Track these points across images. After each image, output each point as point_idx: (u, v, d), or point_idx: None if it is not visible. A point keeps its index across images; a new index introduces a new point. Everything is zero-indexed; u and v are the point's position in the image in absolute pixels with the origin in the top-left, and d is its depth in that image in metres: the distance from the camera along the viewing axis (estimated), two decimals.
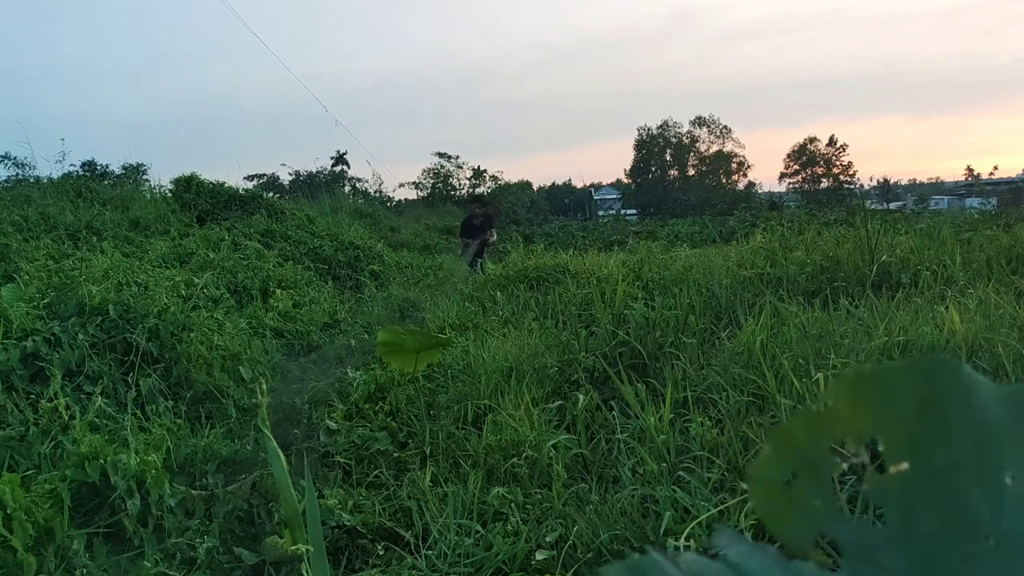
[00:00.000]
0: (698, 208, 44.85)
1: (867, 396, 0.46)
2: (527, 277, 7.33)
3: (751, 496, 0.49)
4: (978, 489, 0.43)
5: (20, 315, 4.33)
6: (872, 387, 0.46)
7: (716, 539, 0.48)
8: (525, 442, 3.62)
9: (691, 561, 0.45)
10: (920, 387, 0.46)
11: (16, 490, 2.70)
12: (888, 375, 0.46)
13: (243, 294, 7.72)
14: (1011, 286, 4.88)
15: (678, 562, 0.45)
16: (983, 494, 0.43)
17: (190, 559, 2.99)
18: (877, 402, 0.46)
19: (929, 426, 0.45)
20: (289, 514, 2.42)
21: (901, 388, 0.46)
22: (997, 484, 0.43)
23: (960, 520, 0.43)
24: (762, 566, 0.45)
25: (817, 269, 5.81)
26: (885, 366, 0.47)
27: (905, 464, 0.44)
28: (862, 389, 0.46)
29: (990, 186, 62.96)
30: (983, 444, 0.44)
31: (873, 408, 0.46)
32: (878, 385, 0.46)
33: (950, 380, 0.45)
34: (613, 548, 2.76)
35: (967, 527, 0.42)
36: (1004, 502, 0.43)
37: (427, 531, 3.15)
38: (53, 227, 8.50)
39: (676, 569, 0.44)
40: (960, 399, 0.45)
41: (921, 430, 0.45)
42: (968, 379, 0.45)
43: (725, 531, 0.48)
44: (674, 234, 18.20)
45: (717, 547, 0.47)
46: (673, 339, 4.75)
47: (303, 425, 4.54)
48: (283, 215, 12.55)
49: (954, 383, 0.45)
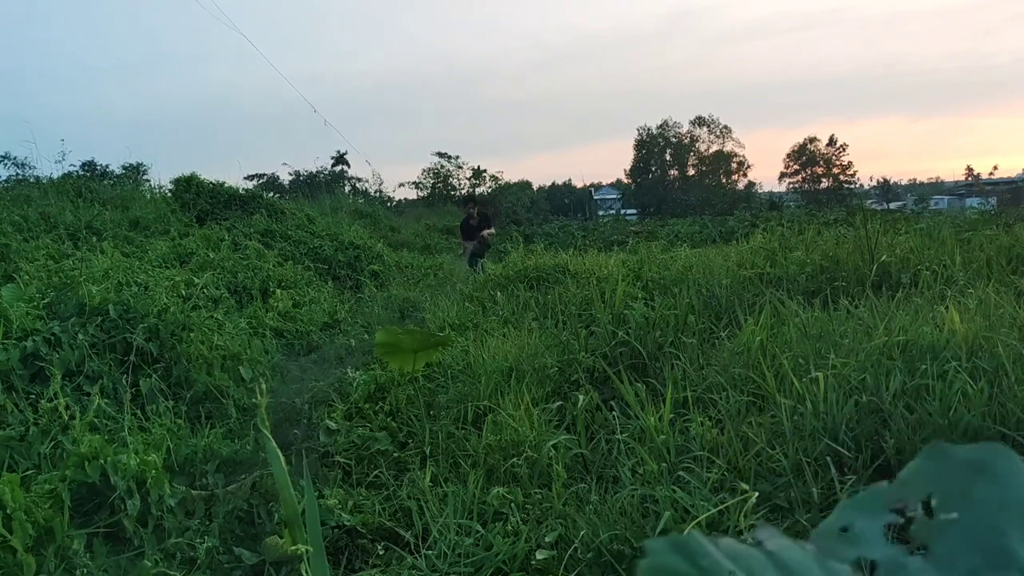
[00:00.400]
0: (698, 208, 44.85)
1: (931, 464, 0.53)
2: (527, 277, 7.33)
3: (815, 543, 0.52)
4: (1020, 540, 0.48)
5: (20, 315, 4.33)
6: (937, 458, 0.53)
7: (757, 532, 0.50)
8: (525, 442, 3.62)
9: (729, 544, 0.48)
10: (980, 461, 0.52)
11: (16, 490, 2.70)
12: (952, 449, 0.53)
13: (243, 294, 7.73)
14: (1011, 286, 4.88)
15: (717, 543, 0.47)
16: (1023, 543, 0.47)
17: (190, 559, 2.99)
18: (940, 471, 0.52)
19: (982, 490, 0.50)
20: (289, 514, 2.42)
21: (962, 460, 0.52)
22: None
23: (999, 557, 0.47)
24: (798, 559, 0.47)
25: (817, 269, 5.81)
26: (952, 445, 0.54)
27: (955, 515, 0.50)
28: (928, 459, 0.53)
29: (990, 186, 62.95)
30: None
31: (936, 476, 0.52)
32: (943, 456, 0.53)
33: (1008, 460, 0.52)
34: (613, 548, 2.76)
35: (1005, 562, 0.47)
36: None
37: (427, 531, 3.15)
38: (53, 227, 8.50)
39: (715, 548, 0.47)
40: (1015, 475, 0.51)
41: (974, 491, 0.50)
42: (1019, 461, 0.52)
43: (766, 527, 0.51)
44: (674, 234, 18.19)
45: (758, 538, 0.49)
46: (673, 339, 4.75)
47: (303, 425, 4.54)
48: (283, 215, 12.55)
49: (1011, 463, 0.52)
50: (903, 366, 3.42)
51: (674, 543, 0.46)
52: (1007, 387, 3.14)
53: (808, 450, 3.09)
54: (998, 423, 3.02)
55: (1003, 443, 0.52)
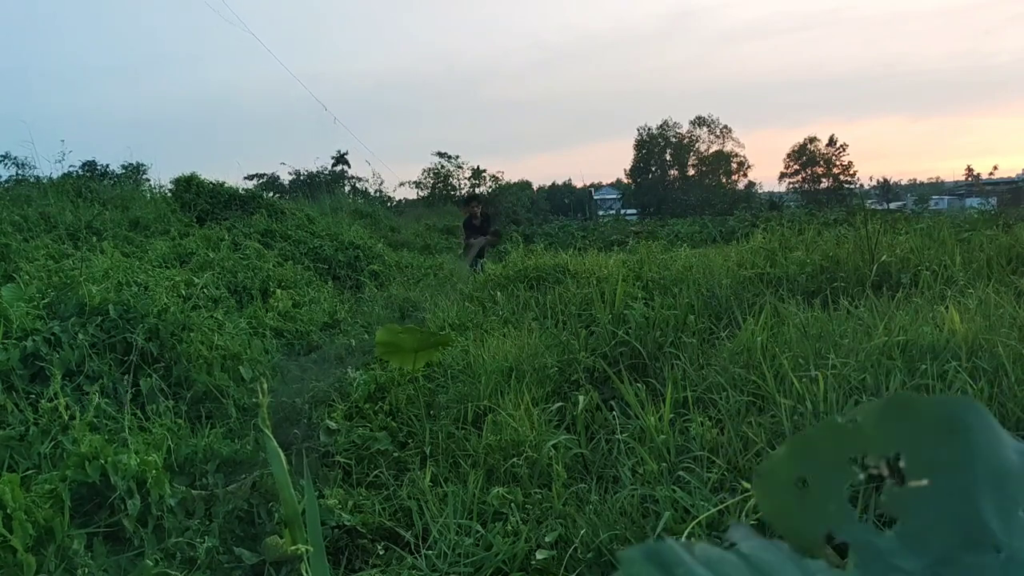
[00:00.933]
0: (698, 208, 44.84)
1: (897, 418, 0.50)
2: (527, 277, 7.32)
3: (757, 492, 0.51)
4: (993, 512, 0.46)
5: (20, 315, 4.33)
6: (903, 411, 0.50)
7: (730, 533, 0.49)
8: (525, 442, 3.62)
9: (704, 549, 0.47)
10: (949, 417, 0.49)
11: (16, 490, 2.70)
12: (920, 402, 0.50)
13: (243, 294, 7.73)
14: (1011, 286, 4.88)
15: (692, 549, 0.46)
16: (998, 517, 0.45)
17: (190, 559, 2.99)
18: (906, 423, 0.49)
19: (952, 451, 0.48)
20: (289, 514, 2.42)
21: (930, 415, 0.49)
22: (1011, 512, 0.46)
23: (974, 533, 0.45)
24: (774, 560, 0.47)
25: (817, 269, 5.81)
26: (918, 395, 0.50)
27: (925, 480, 0.47)
28: (893, 412, 0.50)
29: (990, 186, 63.00)
30: (1000, 477, 0.47)
31: (901, 429, 0.49)
32: (909, 410, 0.50)
33: (978, 417, 0.49)
34: (613, 548, 2.76)
35: (981, 539, 0.45)
36: (1016, 526, 0.45)
37: (427, 531, 3.15)
38: (53, 227, 8.50)
39: (689, 555, 0.46)
40: (984, 435, 0.49)
41: (945, 453, 0.48)
42: (993, 422, 0.50)
43: (739, 526, 0.50)
44: (674, 234, 18.18)
45: (731, 539, 0.48)
46: (673, 339, 4.75)
47: (303, 425, 4.54)
48: (283, 215, 12.55)
49: (981, 421, 0.49)
50: (903, 366, 3.42)
51: (648, 552, 0.46)
52: (1007, 387, 3.14)
53: None
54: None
55: None
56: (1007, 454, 0.48)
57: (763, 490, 0.51)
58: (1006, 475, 0.47)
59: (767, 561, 0.46)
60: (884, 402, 0.50)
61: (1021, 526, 0.45)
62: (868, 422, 0.50)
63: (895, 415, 0.50)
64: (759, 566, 0.46)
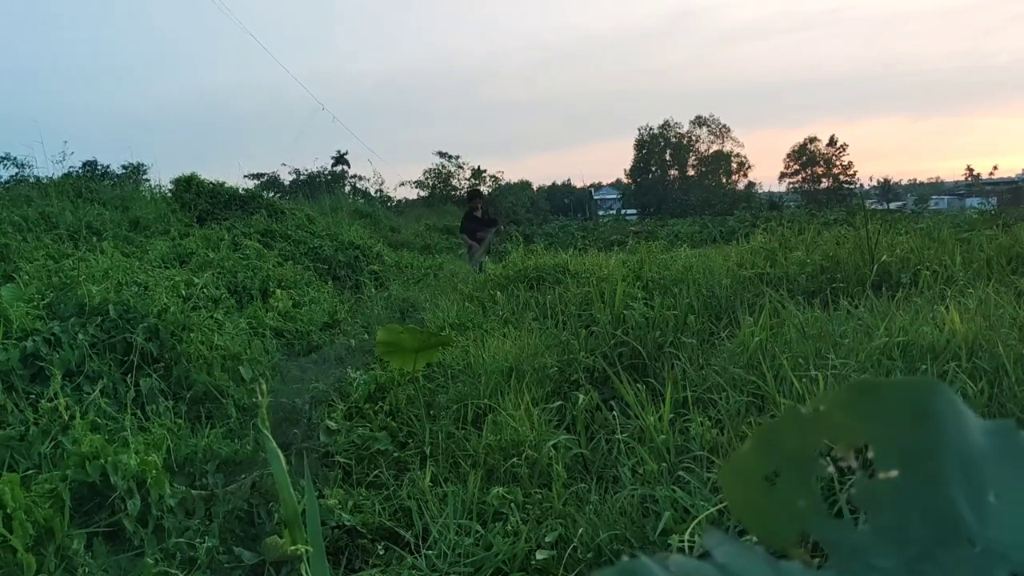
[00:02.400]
0: (698, 208, 44.85)
1: (862, 405, 0.48)
2: (527, 277, 7.32)
3: (725, 491, 0.50)
4: (965, 501, 0.45)
5: (20, 315, 4.33)
6: (868, 397, 0.48)
7: (705, 539, 0.48)
8: (525, 442, 3.62)
9: (680, 563, 0.46)
10: (914, 401, 0.48)
11: (16, 490, 2.70)
12: (884, 387, 0.48)
13: (243, 294, 7.73)
14: (1011, 286, 4.88)
15: (667, 564, 0.45)
16: (969, 505, 0.45)
17: (190, 559, 2.99)
18: (871, 412, 0.48)
19: (921, 439, 0.47)
20: (289, 514, 2.42)
21: (896, 400, 0.48)
22: (982, 498, 0.45)
23: (949, 526, 0.45)
24: (750, 566, 0.46)
25: (817, 269, 5.81)
26: (882, 379, 0.49)
27: (895, 472, 0.46)
28: (857, 398, 0.48)
29: (990, 186, 63.01)
30: (969, 463, 0.46)
31: (866, 417, 0.48)
32: (874, 395, 0.48)
33: (943, 400, 0.48)
34: (613, 548, 2.76)
35: (955, 533, 0.44)
36: (988, 515, 0.45)
37: (427, 531, 3.15)
38: (53, 227, 8.50)
39: (665, 571, 0.45)
40: (951, 419, 0.47)
41: (913, 442, 0.47)
42: (958, 402, 0.48)
43: (714, 531, 0.49)
44: (674, 234, 18.19)
45: (705, 547, 0.48)
46: (673, 339, 4.75)
47: (303, 425, 4.54)
48: (283, 215, 12.55)
49: (946, 403, 0.48)
50: (903, 366, 3.42)
51: (622, 572, 0.45)
52: (1007, 387, 3.14)
53: None
54: None
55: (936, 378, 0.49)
56: (975, 437, 0.47)
57: (731, 488, 0.50)
58: (975, 460, 0.46)
59: (743, 568, 0.45)
60: (847, 388, 0.49)
61: (993, 514, 0.45)
62: (833, 410, 0.48)
63: (860, 402, 0.48)
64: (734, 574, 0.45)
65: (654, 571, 0.45)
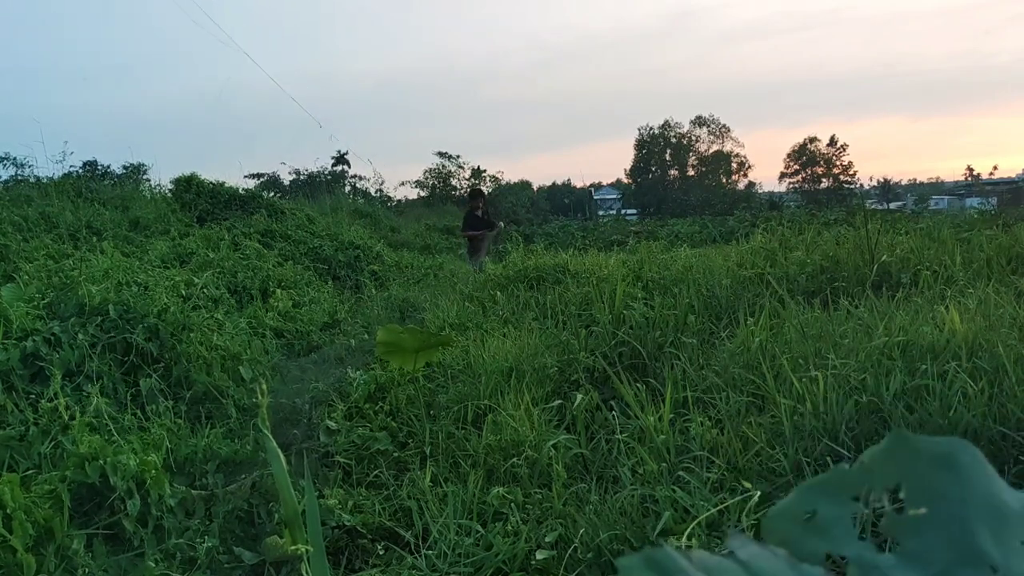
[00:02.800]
0: (698, 208, 44.84)
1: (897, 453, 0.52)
2: (527, 277, 7.32)
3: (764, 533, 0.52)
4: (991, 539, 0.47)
5: (20, 315, 4.33)
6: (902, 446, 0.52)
7: (729, 541, 0.50)
8: (525, 442, 3.62)
9: (702, 557, 0.47)
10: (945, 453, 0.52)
11: (16, 490, 2.70)
12: (922, 441, 0.53)
13: (243, 294, 7.73)
14: (1011, 286, 4.88)
15: (690, 556, 0.47)
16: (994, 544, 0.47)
17: (190, 559, 2.99)
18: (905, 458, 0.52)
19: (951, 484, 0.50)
20: (289, 514, 2.42)
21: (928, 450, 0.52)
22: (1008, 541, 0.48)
23: (971, 553, 0.47)
24: (772, 566, 0.47)
25: (817, 269, 5.81)
26: (916, 435, 0.53)
27: (924, 509, 0.49)
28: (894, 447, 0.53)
29: (990, 186, 63.00)
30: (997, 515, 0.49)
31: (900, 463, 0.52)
32: (911, 447, 0.52)
33: (976, 460, 0.52)
34: (613, 548, 2.76)
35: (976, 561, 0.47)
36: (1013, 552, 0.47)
37: (427, 531, 3.15)
38: (53, 227, 8.51)
39: (688, 563, 0.46)
40: (982, 473, 0.51)
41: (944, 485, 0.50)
42: (989, 466, 0.52)
43: (737, 535, 0.50)
44: (674, 234, 18.19)
45: (729, 548, 0.49)
46: (673, 339, 4.75)
47: (303, 425, 4.54)
48: (283, 215, 12.56)
49: (979, 463, 0.52)
50: (903, 366, 3.42)
51: (647, 559, 0.46)
52: (1007, 387, 3.14)
53: (808, 450, 3.09)
54: (998, 423, 3.02)
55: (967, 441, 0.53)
56: (1004, 496, 0.51)
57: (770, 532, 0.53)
58: (1003, 513, 0.49)
59: (765, 568, 0.46)
60: (887, 440, 0.53)
61: (1019, 553, 0.47)
62: (872, 462, 0.53)
63: (895, 450, 0.52)
64: (758, 573, 0.46)
65: (678, 560, 0.46)
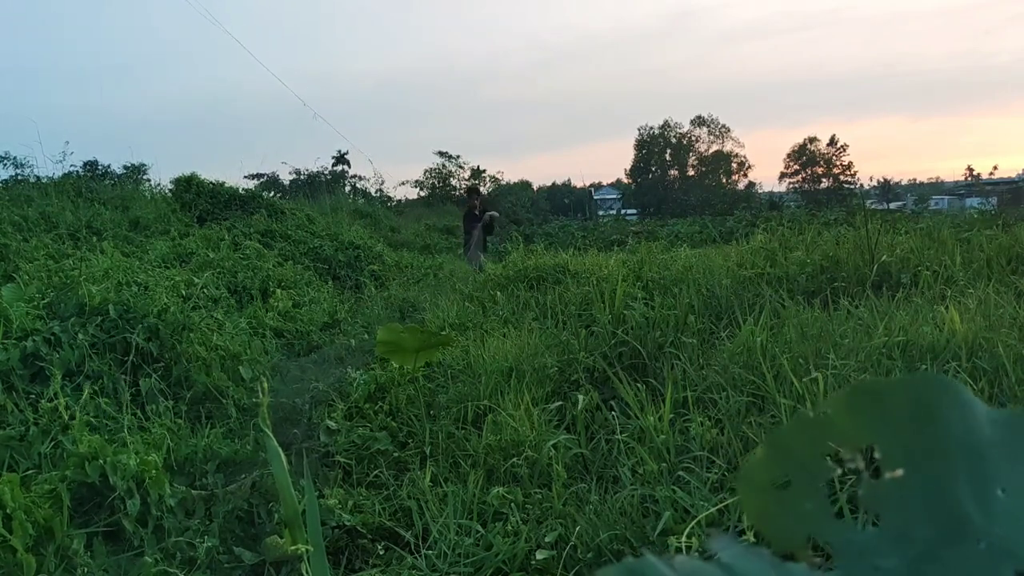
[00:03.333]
0: (698, 208, 44.84)
1: (865, 406, 0.48)
2: (527, 277, 7.32)
3: (742, 499, 0.50)
4: (971, 497, 0.45)
5: (20, 315, 4.33)
6: (870, 398, 0.48)
7: (710, 542, 0.49)
8: (525, 442, 3.62)
9: (684, 563, 0.46)
10: (917, 400, 0.48)
11: (16, 490, 2.70)
12: (886, 387, 0.49)
13: (243, 294, 7.73)
14: (1011, 286, 4.88)
15: (672, 564, 0.46)
16: (976, 502, 0.45)
17: (190, 559, 2.99)
18: (875, 412, 0.48)
19: (925, 437, 0.47)
20: (289, 514, 2.42)
21: (899, 400, 0.48)
22: (989, 494, 0.45)
23: (954, 524, 0.45)
24: (755, 568, 0.46)
25: (817, 269, 5.81)
26: (884, 379, 0.49)
27: (900, 471, 0.46)
28: (861, 399, 0.49)
29: (990, 186, 62.98)
30: (976, 457, 0.46)
31: (870, 418, 0.48)
32: (876, 396, 0.48)
33: (946, 395, 0.48)
34: (613, 548, 2.76)
35: (960, 531, 0.44)
36: (995, 511, 0.44)
37: (427, 531, 3.15)
38: (53, 227, 8.51)
39: (670, 570, 0.45)
40: (955, 414, 0.47)
41: (917, 440, 0.47)
42: (963, 396, 0.48)
43: (719, 535, 0.49)
44: (674, 234, 18.18)
45: (711, 550, 0.48)
46: (673, 339, 4.75)
47: (303, 425, 4.54)
48: (283, 215, 12.55)
49: (950, 399, 0.48)
50: (903, 366, 3.42)
51: (627, 570, 0.45)
52: (1007, 387, 3.14)
53: None
54: None
55: None
56: (982, 430, 0.47)
57: (746, 494, 0.50)
58: (982, 453, 0.46)
59: (749, 569, 0.45)
60: (849, 390, 0.49)
61: (999, 509, 0.44)
62: (837, 413, 0.49)
63: (863, 403, 0.48)
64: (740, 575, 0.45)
65: (659, 570, 0.45)
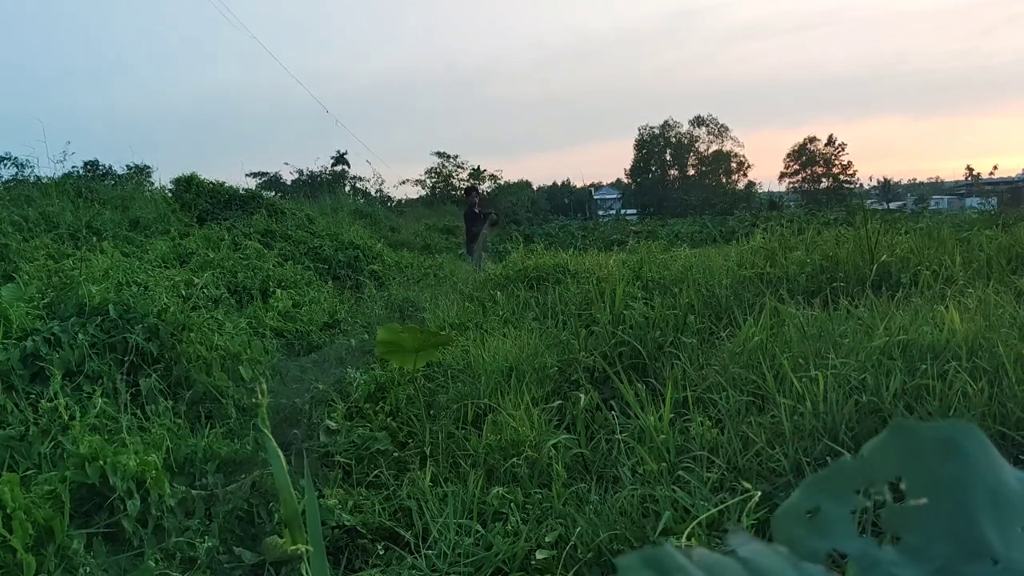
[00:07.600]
0: (698, 208, 44.84)
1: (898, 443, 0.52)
2: (527, 277, 7.32)
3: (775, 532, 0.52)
4: (992, 525, 0.47)
5: (20, 315, 4.33)
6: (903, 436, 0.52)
7: (730, 538, 0.50)
8: (525, 442, 3.62)
9: (703, 555, 0.47)
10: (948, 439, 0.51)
11: (16, 490, 2.70)
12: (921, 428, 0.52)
13: (243, 294, 7.72)
14: (1011, 286, 4.88)
15: (690, 554, 0.46)
16: (996, 530, 0.47)
17: (190, 559, 2.99)
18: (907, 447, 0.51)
19: (952, 471, 0.50)
20: (289, 514, 2.42)
21: (930, 437, 0.51)
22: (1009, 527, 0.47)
23: (973, 545, 0.46)
24: (773, 564, 0.46)
25: (817, 269, 5.81)
26: (919, 422, 0.52)
27: (924, 499, 0.49)
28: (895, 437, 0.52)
29: (990, 186, 62.86)
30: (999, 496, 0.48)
31: (903, 452, 0.51)
32: (911, 435, 0.52)
33: (975, 438, 0.51)
34: (613, 548, 2.76)
35: (979, 551, 0.46)
36: (1014, 540, 0.46)
37: (427, 531, 3.15)
38: (53, 227, 8.50)
39: (688, 561, 0.46)
40: (982, 455, 0.50)
41: (944, 472, 0.50)
42: (989, 443, 0.51)
43: (739, 531, 0.50)
44: (674, 234, 18.20)
45: (730, 545, 0.48)
46: (673, 339, 4.75)
47: (303, 425, 4.53)
48: (283, 215, 12.54)
49: (978, 442, 0.51)
50: (903, 366, 3.42)
51: (646, 558, 0.45)
52: (1007, 387, 3.14)
53: (808, 450, 3.09)
54: (998, 423, 3.02)
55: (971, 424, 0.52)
56: (1006, 477, 0.50)
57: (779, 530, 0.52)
58: (1005, 496, 0.48)
59: (766, 565, 0.46)
60: (887, 430, 0.52)
61: (1020, 541, 0.46)
62: (873, 453, 0.52)
63: (896, 441, 0.52)
64: (758, 570, 0.45)
65: (678, 559, 0.45)
